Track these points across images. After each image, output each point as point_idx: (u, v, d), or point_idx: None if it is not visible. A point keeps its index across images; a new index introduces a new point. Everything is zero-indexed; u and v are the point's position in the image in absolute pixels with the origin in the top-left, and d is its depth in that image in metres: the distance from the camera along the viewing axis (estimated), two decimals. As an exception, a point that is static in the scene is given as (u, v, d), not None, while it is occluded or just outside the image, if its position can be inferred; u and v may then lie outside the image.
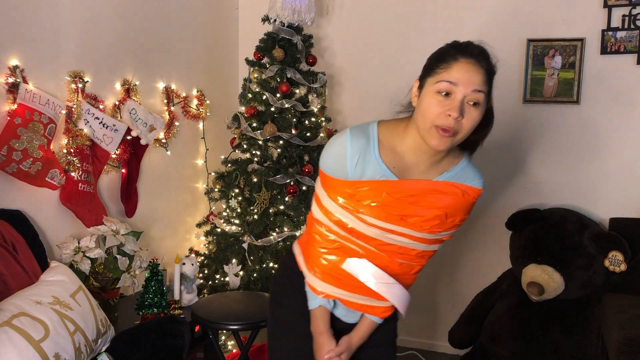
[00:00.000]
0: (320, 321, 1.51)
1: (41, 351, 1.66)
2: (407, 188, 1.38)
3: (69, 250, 2.23)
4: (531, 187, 3.08)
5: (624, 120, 2.88)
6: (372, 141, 1.39)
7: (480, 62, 1.31)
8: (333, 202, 1.42)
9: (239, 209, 2.85)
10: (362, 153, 1.37)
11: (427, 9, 3.18)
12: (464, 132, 1.30)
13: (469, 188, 1.42)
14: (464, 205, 1.43)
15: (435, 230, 1.43)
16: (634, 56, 2.81)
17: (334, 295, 1.50)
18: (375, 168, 1.38)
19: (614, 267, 2.59)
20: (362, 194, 1.38)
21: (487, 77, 1.32)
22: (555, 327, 2.61)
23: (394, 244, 1.43)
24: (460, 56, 1.31)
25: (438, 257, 3.28)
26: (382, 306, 1.51)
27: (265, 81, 2.86)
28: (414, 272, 1.53)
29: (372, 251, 1.44)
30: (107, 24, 2.55)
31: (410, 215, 1.39)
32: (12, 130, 2.05)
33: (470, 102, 1.28)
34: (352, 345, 1.53)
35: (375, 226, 1.40)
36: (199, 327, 2.51)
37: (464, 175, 1.43)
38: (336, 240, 1.45)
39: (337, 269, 1.47)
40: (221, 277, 2.84)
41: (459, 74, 1.28)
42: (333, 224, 1.44)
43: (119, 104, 2.59)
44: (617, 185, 2.91)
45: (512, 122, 3.08)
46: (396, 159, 1.40)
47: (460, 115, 1.26)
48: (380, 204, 1.37)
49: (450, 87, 1.28)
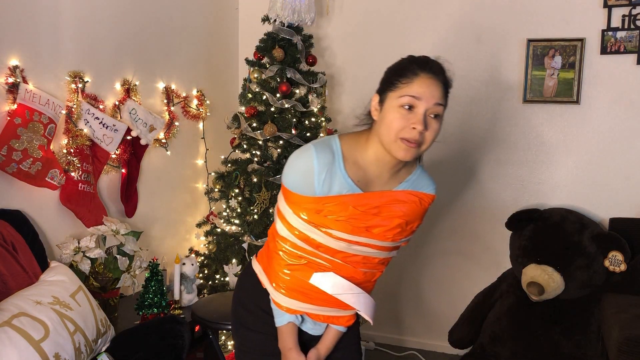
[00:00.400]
0: (288, 337, 1.53)
1: (41, 351, 1.66)
2: (372, 200, 1.43)
3: (69, 250, 2.23)
4: (531, 187, 3.08)
5: (624, 120, 2.88)
6: (337, 156, 1.40)
7: (439, 77, 1.36)
8: (298, 219, 1.43)
9: (239, 209, 2.85)
10: (328, 169, 1.38)
11: (426, 10, 3.18)
12: (428, 143, 1.37)
13: (425, 195, 1.50)
14: (421, 211, 1.50)
15: (397, 238, 1.48)
16: (634, 56, 2.81)
17: (302, 310, 1.51)
18: (342, 183, 1.40)
19: (614, 267, 2.59)
20: (329, 209, 1.40)
21: (445, 91, 1.38)
22: (555, 327, 2.61)
23: (359, 255, 1.47)
24: (421, 71, 1.35)
25: (438, 257, 3.30)
26: (347, 315, 1.55)
27: (265, 81, 2.86)
28: (375, 280, 1.58)
29: (338, 263, 1.47)
30: (107, 24, 2.55)
31: (374, 226, 1.44)
32: (12, 130, 2.05)
33: (432, 115, 1.35)
34: (320, 357, 1.56)
35: (342, 239, 1.43)
36: (199, 327, 2.51)
37: (420, 183, 1.50)
38: (302, 256, 1.46)
39: (303, 284, 1.48)
40: (221, 277, 2.84)
41: (421, 89, 1.33)
42: (299, 240, 1.45)
43: (119, 104, 2.59)
44: (617, 185, 2.91)
45: (512, 122, 3.08)
46: (360, 172, 1.43)
47: (423, 128, 1.33)
48: (347, 217, 1.40)
49: (413, 101, 1.33)
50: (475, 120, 3.14)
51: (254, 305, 1.59)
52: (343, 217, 1.40)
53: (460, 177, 3.20)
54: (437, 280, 3.30)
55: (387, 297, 3.33)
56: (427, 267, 3.32)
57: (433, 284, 3.31)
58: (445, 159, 3.23)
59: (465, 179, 3.20)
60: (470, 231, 3.22)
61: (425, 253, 3.32)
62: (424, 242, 3.31)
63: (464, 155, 3.18)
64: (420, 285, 3.35)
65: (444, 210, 3.26)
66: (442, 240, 3.28)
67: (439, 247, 3.28)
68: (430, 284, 3.32)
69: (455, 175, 3.21)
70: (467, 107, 3.15)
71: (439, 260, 3.30)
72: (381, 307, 3.28)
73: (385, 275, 3.15)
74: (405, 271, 3.35)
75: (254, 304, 1.59)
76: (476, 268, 3.22)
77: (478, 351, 2.78)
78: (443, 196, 3.25)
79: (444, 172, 3.23)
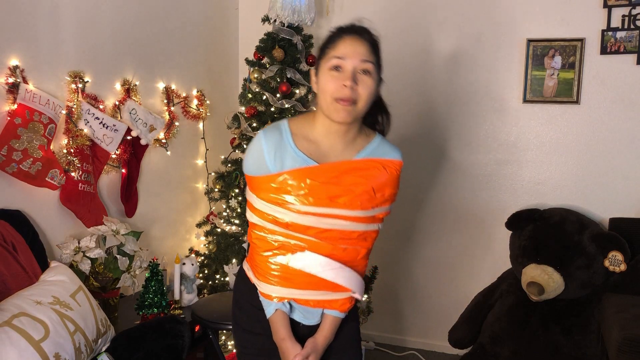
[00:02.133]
0: (280, 327, 1.50)
1: (41, 351, 1.66)
2: (329, 170, 1.44)
3: (69, 250, 2.23)
4: (531, 187, 3.08)
5: (624, 120, 2.88)
6: (285, 133, 1.47)
7: (362, 36, 1.44)
8: (263, 201, 1.47)
9: (239, 209, 2.85)
10: (277, 146, 1.44)
11: (426, 10, 3.18)
12: (363, 100, 1.41)
13: (389, 161, 1.50)
14: (389, 178, 1.49)
15: (367, 206, 1.46)
16: (634, 56, 2.81)
17: (288, 296, 1.49)
18: (294, 157, 1.44)
19: (614, 267, 2.59)
20: (287, 184, 1.42)
21: (372, 49, 1.45)
22: (555, 327, 2.61)
23: (333, 229, 1.44)
24: (344, 34, 1.44)
25: (438, 257, 3.30)
26: (340, 298, 1.51)
27: (265, 81, 2.86)
28: (362, 258, 1.52)
29: (314, 242, 1.45)
30: (107, 24, 2.55)
31: (337, 195, 1.43)
32: (12, 130, 2.05)
33: (361, 71, 1.41)
34: (318, 345, 1.50)
35: (308, 213, 1.42)
36: (199, 327, 2.51)
37: (381, 150, 1.51)
38: (276, 240, 1.46)
39: (285, 270, 1.47)
40: (221, 277, 2.84)
41: (346, 48, 1.41)
42: (269, 223, 1.46)
43: (119, 104, 2.59)
44: (617, 185, 2.91)
45: (512, 122, 3.08)
46: (312, 146, 1.47)
47: (353, 83, 1.39)
48: (307, 190, 1.42)
49: (340, 62, 1.40)
50: (476, 120, 3.14)
51: (247, 304, 1.58)
52: (303, 190, 1.41)
53: (460, 177, 3.20)
54: (437, 280, 3.30)
55: (387, 297, 3.33)
56: (427, 267, 3.32)
57: (433, 284, 3.31)
58: (445, 158, 3.23)
59: (465, 178, 3.20)
60: (470, 231, 3.22)
61: (425, 253, 3.32)
62: (423, 242, 3.31)
63: (464, 155, 3.18)
64: (420, 285, 3.35)
65: (444, 210, 3.26)
66: (441, 240, 3.28)
67: (439, 247, 3.28)
68: (430, 284, 3.32)
69: (455, 174, 3.21)
70: (467, 107, 3.15)
71: (439, 260, 3.30)
72: (381, 307, 3.29)
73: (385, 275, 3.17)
74: (405, 271, 3.35)
75: (247, 303, 1.58)
76: (476, 268, 3.22)
77: (478, 351, 2.78)
78: (443, 196, 3.25)
79: (443, 172, 3.24)
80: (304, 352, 1.47)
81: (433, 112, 3.21)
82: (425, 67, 3.21)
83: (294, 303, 1.52)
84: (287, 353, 1.48)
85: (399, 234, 3.33)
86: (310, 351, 1.48)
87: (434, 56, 3.19)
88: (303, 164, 1.43)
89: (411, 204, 3.30)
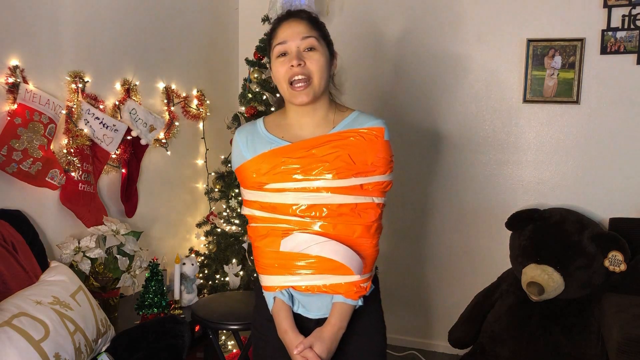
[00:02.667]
0: (281, 319, 1.45)
1: (41, 351, 1.66)
2: (301, 147, 1.44)
3: (69, 250, 2.23)
4: (531, 187, 3.08)
5: (624, 120, 2.88)
6: (259, 124, 1.53)
7: (298, 16, 1.47)
8: (248, 190, 1.49)
9: (239, 209, 2.85)
10: (250, 135, 1.50)
11: (426, 10, 3.18)
12: (317, 74, 1.42)
13: (366, 128, 1.46)
14: (369, 145, 1.44)
15: (345, 175, 1.41)
16: (634, 56, 2.81)
17: (285, 284, 1.45)
18: (265, 141, 1.47)
19: (614, 267, 2.59)
20: (264, 167, 1.44)
21: (312, 24, 1.46)
22: (555, 327, 2.61)
23: (315, 204, 1.41)
24: (281, 21, 1.48)
25: (438, 257, 3.30)
26: (342, 283, 1.42)
27: (265, 81, 2.86)
28: (359, 236, 1.44)
29: (300, 222, 1.42)
30: (107, 24, 2.55)
31: (311, 168, 1.41)
32: (12, 130, 2.05)
33: (306, 49, 1.43)
34: (323, 334, 1.41)
35: (285, 189, 1.42)
36: (199, 327, 2.51)
37: (358, 122, 1.48)
38: (266, 227, 1.46)
39: (278, 256, 1.44)
40: (221, 277, 2.84)
41: (284, 32, 1.44)
42: (257, 210, 1.47)
43: (119, 104, 2.59)
44: (617, 185, 2.91)
45: (512, 122, 3.08)
46: (284, 130, 1.50)
47: (300, 61, 1.41)
48: (282, 168, 1.42)
49: (283, 47, 1.44)
50: (475, 120, 3.15)
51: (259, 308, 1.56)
52: (278, 168, 1.42)
53: (460, 177, 3.20)
54: (437, 280, 3.30)
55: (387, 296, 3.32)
56: (427, 267, 3.32)
57: (433, 284, 3.31)
58: (445, 158, 3.23)
59: (465, 178, 3.20)
60: (470, 231, 3.22)
61: (425, 253, 3.32)
62: (423, 241, 3.31)
63: (464, 155, 3.18)
64: (420, 285, 3.35)
65: (443, 210, 3.26)
66: (442, 240, 3.28)
67: (439, 247, 3.28)
68: (431, 284, 3.32)
69: (454, 174, 3.21)
70: (467, 107, 3.15)
71: (439, 260, 3.30)
72: (381, 307, 3.29)
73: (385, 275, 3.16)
74: (405, 271, 3.35)
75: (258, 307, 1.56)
76: (476, 268, 3.21)
77: (478, 351, 2.78)
78: (443, 196, 3.25)
79: (443, 172, 3.24)
80: (306, 340, 1.40)
81: (433, 112, 3.21)
82: (425, 67, 3.21)
83: (295, 294, 1.47)
84: (290, 345, 1.42)
85: (399, 234, 3.33)
86: (313, 340, 1.40)
87: (433, 56, 3.19)
88: (275, 146, 1.45)
89: (411, 204, 3.30)
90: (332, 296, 1.45)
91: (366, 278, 1.47)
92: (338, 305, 1.44)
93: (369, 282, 1.50)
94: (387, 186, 1.49)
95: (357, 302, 1.45)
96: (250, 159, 1.46)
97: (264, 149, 1.46)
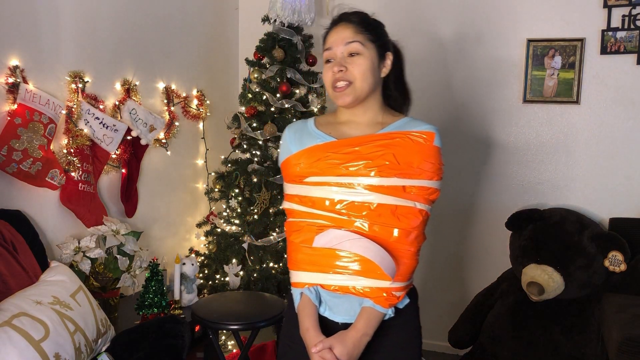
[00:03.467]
0: (305, 316, 1.41)
1: (41, 351, 1.66)
2: (347, 143, 1.44)
3: (69, 250, 2.23)
4: (531, 187, 3.08)
5: (624, 120, 2.88)
6: (309, 121, 1.56)
7: (345, 21, 1.48)
8: (289, 184, 1.52)
9: (239, 209, 2.85)
10: (298, 131, 1.53)
11: (426, 10, 3.18)
12: (358, 79, 1.44)
13: (416, 131, 1.44)
14: (417, 148, 1.42)
15: (387, 174, 1.38)
16: (634, 56, 2.81)
17: (313, 281, 1.43)
18: (313, 136, 1.49)
19: (614, 267, 2.59)
20: (306, 160, 1.46)
21: (360, 28, 1.47)
22: (555, 327, 2.61)
23: (355, 201, 1.39)
24: (330, 28, 1.51)
25: (438, 257, 3.30)
26: (372, 286, 1.37)
27: (265, 81, 2.86)
28: (396, 240, 1.39)
29: (336, 218, 1.40)
30: (107, 24, 2.55)
31: (354, 164, 1.40)
32: (12, 130, 2.05)
33: (348, 55, 1.45)
34: (346, 337, 1.35)
35: (324, 183, 1.42)
36: (199, 327, 2.51)
37: (409, 125, 1.47)
38: (301, 221, 1.46)
39: (311, 252, 1.42)
40: (221, 277, 2.84)
41: (331, 39, 1.49)
42: (295, 204, 1.48)
43: (119, 104, 2.59)
44: (617, 185, 2.91)
45: (512, 122, 3.08)
46: (333, 128, 1.51)
47: (341, 67, 1.44)
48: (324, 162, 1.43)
49: (329, 53, 1.48)
50: (475, 120, 3.14)
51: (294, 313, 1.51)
52: (321, 163, 1.43)
53: (460, 177, 3.20)
54: (437, 280, 3.30)
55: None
56: (427, 266, 3.32)
57: (433, 284, 3.31)
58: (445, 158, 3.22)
59: (465, 178, 3.20)
60: (470, 231, 3.22)
61: (425, 253, 3.31)
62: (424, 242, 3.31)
63: (464, 155, 3.18)
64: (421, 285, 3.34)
65: (444, 210, 3.26)
66: (442, 240, 3.28)
67: (439, 247, 3.28)
68: (431, 284, 3.32)
69: (454, 175, 3.21)
70: (467, 107, 3.15)
71: (439, 260, 3.30)
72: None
73: (385, 275, 3.16)
74: (405, 271, 3.35)
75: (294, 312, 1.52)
76: (476, 268, 3.22)
77: (478, 351, 2.78)
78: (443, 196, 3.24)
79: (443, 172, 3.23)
80: (327, 341, 1.35)
81: (433, 113, 3.21)
82: (425, 67, 3.21)
83: (323, 294, 1.43)
84: (309, 344, 1.37)
85: (399, 234, 3.32)
86: (334, 342, 1.35)
87: (433, 56, 3.19)
88: (321, 142, 1.47)
89: (411, 204, 3.30)
90: (361, 301, 1.40)
91: (400, 287, 1.41)
92: (366, 310, 1.39)
93: (403, 292, 1.43)
94: (432, 193, 1.46)
95: (387, 311, 1.40)
96: (295, 153, 1.49)
97: (310, 143, 1.48)
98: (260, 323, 2.18)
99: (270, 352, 2.89)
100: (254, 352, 2.79)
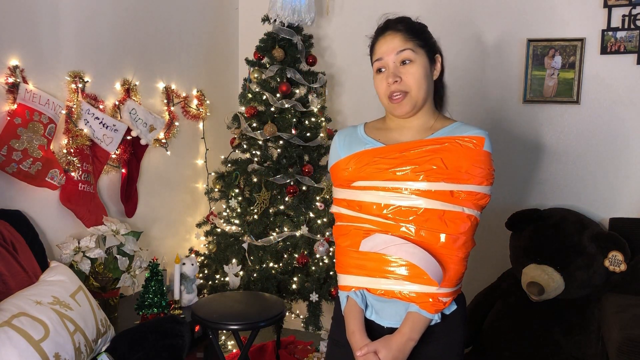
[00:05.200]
0: (350, 319, 1.42)
1: (41, 351, 1.66)
2: (396, 148, 1.45)
3: (69, 250, 2.23)
4: (531, 187, 3.08)
5: (624, 120, 2.88)
6: (359, 126, 1.57)
7: (394, 29, 1.49)
8: (337, 189, 1.53)
9: (239, 209, 2.85)
10: (348, 136, 1.54)
11: (426, 10, 3.18)
12: (414, 88, 1.43)
13: (465, 136, 1.42)
14: (467, 153, 1.40)
15: (434, 178, 1.37)
16: (634, 56, 2.81)
17: (359, 285, 1.44)
18: (362, 142, 1.50)
19: (614, 267, 2.59)
20: (354, 165, 1.47)
21: (408, 35, 1.47)
22: (555, 327, 2.61)
23: (402, 206, 1.38)
24: (377, 36, 1.51)
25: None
26: (418, 292, 1.37)
27: (265, 81, 2.86)
28: (442, 246, 1.38)
29: (383, 222, 1.41)
30: (107, 24, 2.55)
31: (399, 169, 1.40)
32: (12, 130, 2.05)
33: (400, 63, 1.45)
34: (391, 342, 1.36)
35: (372, 188, 1.43)
36: (199, 327, 2.51)
37: (459, 130, 1.46)
38: (350, 226, 1.47)
39: (358, 256, 1.44)
40: (221, 277, 2.84)
41: (381, 49, 1.48)
42: (343, 208, 1.49)
43: (119, 104, 2.59)
44: (617, 185, 2.91)
45: (512, 122, 3.08)
46: (383, 134, 1.52)
47: (396, 78, 1.43)
48: (372, 167, 1.44)
49: (380, 63, 1.47)
50: (475, 120, 3.14)
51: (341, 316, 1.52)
52: (369, 168, 1.44)
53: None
54: (437, 280, 3.30)
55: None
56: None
57: (433, 284, 3.31)
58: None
59: (465, 179, 3.19)
60: (470, 231, 3.21)
61: (425, 253, 3.31)
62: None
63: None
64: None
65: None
66: (442, 240, 3.27)
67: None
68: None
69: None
70: (467, 107, 3.15)
71: (439, 260, 3.29)
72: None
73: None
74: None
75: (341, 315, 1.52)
76: (476, 268, 3.21)
77: (478, 351, 2.78)
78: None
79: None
80: (372, 344, 1.36)
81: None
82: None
83: (369, 297, 1.44)
84: (355, 347, 1.39)
85: (399, 234, 3.32)
86: (379, 346, 1.36)
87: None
88: (370, 147, 1.48)
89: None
90: (408, 306, 1.40)
91: (447, 293, 1.41)
92: (411, 315, 1.38)
93: (450, 298, 1.43)
94: (482, 199, 1.43)
95: (434, 317, 1.39)
96: (344, 157, 1.50)
97: (358, 148, 1.49)
98: (260, 323, 2.18)
99: (270, 352, 2.89)
100: (254, 352, 2.79)
